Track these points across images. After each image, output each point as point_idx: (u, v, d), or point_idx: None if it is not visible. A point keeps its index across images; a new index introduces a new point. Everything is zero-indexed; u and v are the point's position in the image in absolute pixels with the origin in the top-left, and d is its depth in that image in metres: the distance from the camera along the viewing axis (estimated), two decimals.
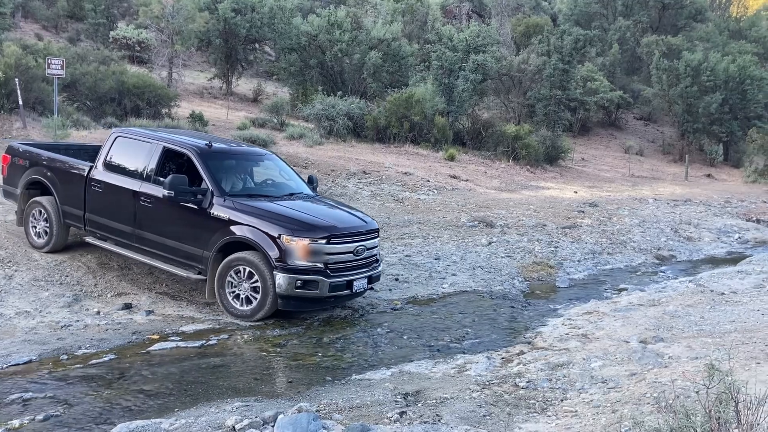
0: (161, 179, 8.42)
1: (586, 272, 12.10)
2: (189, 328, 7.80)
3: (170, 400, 5.78)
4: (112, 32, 31.38)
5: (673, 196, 22.08)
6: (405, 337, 7.90)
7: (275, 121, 24.53)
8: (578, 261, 12.63)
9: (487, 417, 5.26)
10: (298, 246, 7.76)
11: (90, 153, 10.10)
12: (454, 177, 20.05)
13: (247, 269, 7.91)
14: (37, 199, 9.57)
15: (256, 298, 7.92)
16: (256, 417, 5.08)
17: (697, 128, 35.30)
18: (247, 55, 32.14)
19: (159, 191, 8.31)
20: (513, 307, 9.56)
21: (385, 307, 9.03)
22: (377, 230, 8.91)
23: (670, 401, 4.26)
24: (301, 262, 7.77)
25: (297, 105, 26.61)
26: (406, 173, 18.77)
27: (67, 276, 8.88)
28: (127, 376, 6.30)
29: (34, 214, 9.57)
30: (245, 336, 7.61)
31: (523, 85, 31.09)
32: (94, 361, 6.63)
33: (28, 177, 9.67)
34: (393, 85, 27.30)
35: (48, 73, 16.80)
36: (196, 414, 5.34)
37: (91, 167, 9.11)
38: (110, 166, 8.99)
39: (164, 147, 8.72)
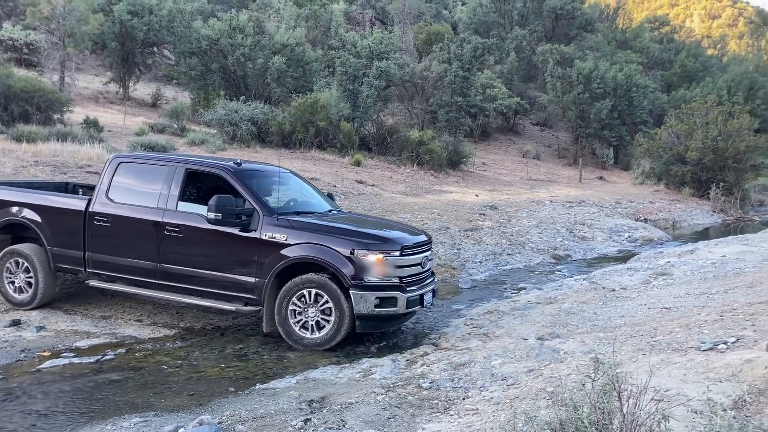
0: (189, 204, 7.78)
1: (488, 273, 12.47)
2: (83, 343, 7.46)
3: (63, 419, 5.50)
4: None
5: (568, 198, 23.09)
6: None
7: (175, 126, 23.91)
8: (480, 262, 13.00)
9: (392, 419, 5.32)
10: (374, 261, 7.26)
11: (51, 189, 9.02)
12: (360, 182, 20.16)
13: (315, 292, 7.29)
14: (14, 247, 8.37)
15: (327, 323, 7.31)
16: None
17: (590, 133, 37.18)
18: (145, 58, 31.20)
19: (190, 218, 7.62)
20: None
21: None
22: (431, 241, 8.56)
23: (563, 395, 4.46)
24: (376, 278, 7.30)
25: (198, 110, 26.06)
26: (312, 179, 18.66)
27: None
28: (15, 397, 5.95)
29: (9, 266, 8.33)
30: (144, 350, 7.35)
31: (425, 91, 31.73)
32: None
33: None
34: (298, 91, 27.19)
35: None
36: None
37: (89, 200, 8.12)
38: (117, 196, 8.03)
39: (187, 169, 7.89)
